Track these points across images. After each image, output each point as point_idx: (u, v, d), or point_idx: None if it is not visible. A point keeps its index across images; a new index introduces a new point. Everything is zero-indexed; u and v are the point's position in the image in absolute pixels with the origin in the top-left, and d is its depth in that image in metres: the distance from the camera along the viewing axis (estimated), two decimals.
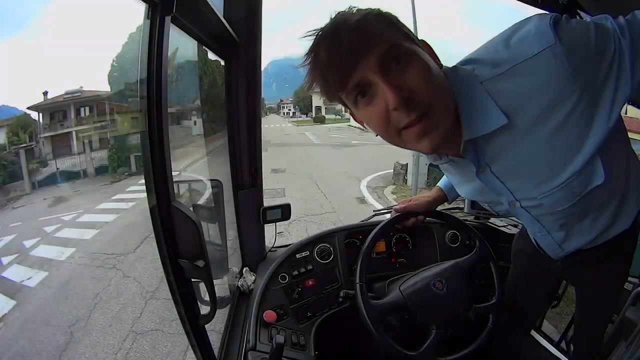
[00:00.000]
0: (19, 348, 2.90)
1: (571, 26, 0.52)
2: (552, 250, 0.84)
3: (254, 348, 0.91)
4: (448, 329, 0.94)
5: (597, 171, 0.58)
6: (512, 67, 0.53)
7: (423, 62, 0.52)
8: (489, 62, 0.56)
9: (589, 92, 0.52)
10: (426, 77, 0.51)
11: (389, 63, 0.50)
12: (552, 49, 0.50)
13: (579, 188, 0.61)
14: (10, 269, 4.49)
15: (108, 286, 3.62)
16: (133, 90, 1.82)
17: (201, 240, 0.65)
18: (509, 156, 0.61)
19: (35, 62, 15.75)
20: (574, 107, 0.52)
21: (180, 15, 0.64)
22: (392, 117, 0.52)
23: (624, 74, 0.52)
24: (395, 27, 0.54)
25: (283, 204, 1.26)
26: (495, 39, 0.58)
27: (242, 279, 1.19)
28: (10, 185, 9.88)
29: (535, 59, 0.51)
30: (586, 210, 0.70)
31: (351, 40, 0.49)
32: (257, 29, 1.04)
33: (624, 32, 0.52)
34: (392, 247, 1.27)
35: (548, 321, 1.62)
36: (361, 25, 0.50)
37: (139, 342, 2.77)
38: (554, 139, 0.55)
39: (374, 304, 0.94)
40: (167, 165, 0.61)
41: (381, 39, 0.50)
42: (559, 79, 0.51)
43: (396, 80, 0.50)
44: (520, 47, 0.53)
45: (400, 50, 0.51)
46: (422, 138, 0.54)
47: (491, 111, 0.56)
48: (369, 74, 0.51)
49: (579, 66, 0.50)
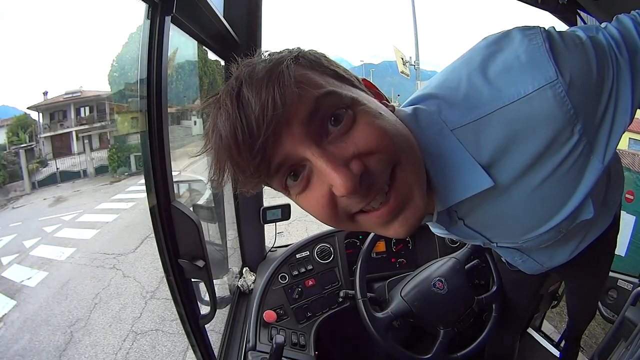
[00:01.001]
0: (19, 348, 2.90)
1: (568, 49, 0.39)
2: (534, 270, 0.76)
3: (254, 348, 0.91)
4: (455, 326, 0.95)
5: (586, 208, 0.49)
6: (496, 110, 0.39)
7: (372, 111, 0.38)
8: (460, 102, 0.42)
9: (587, 132, 0.40)
10: (382, 130, 0.37)
11: (322, 126, 0.36)
12: (552, 87, 0.38)
13: (566, 226, 0.52)
14: (10, 269, 4.50)
15: (108, 286, 3.63)
16: (133, 90, 1.82)
17: (201, 240, 0.65)
18: (487, 211, 0.49)
19: (35, 62, 15.76)
20: (570, 153, 0.41)
21: (180, 15, 0.64)
22: (339, 202, 0.38)
23: (622, 103, 0.41)
24: (324, 71, 0.39)
25: (283, 204, 1.26)
26: (465, 66, 0.43)
27: (242, 279, 1.19)
28: (10, 185, 9.89)
29: (529, 100, 0.38)
30: (570, 236, 0.64)
31: (262, 102, 0.33)
32: (257, 29, 1.04)
33: (620, 47, 0.41)
34: (392, 247, 1.27)
35: (548, 321, 1.62)
36: (274, 76, 0.34)
37: (139, 342, 2.77)
38: (542, 190, 0.44)
39: (380, 317, 0.94)
40: (167, 165, 0.61)
41: (306, 93, 0.35)
42: (557, 123, 0.39)
43: (340, 150, 0.36)
44: (506, 81, 0.39)
45: (335, 103, 0.36)
46: (392, 222, 0.39)
47: (470, 171, 0.42)
48: (297, 148, 0.35)
49: (580, 104, 0.39)
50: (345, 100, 0.37)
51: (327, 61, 0.40)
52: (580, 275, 0.93)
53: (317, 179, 0.37)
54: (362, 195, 0.36)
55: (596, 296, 1.06)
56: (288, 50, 0.39)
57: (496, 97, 0.39)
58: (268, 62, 0.36)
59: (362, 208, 0.38)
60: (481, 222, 0.52)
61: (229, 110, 0.35)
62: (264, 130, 0.34)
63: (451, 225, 0.52)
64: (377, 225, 0.40)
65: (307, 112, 0.35)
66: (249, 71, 0.36)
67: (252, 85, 0.34)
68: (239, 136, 0.34)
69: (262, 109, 0.33)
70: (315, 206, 0.39)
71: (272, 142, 0.35)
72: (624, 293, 1.25)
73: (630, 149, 5.68)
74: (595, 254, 0.80)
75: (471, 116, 0.41)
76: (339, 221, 0.40)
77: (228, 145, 0.35)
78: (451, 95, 0.43)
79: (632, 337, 0.88)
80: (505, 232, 0.54)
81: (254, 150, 0.34)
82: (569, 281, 1.04)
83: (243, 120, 0.34)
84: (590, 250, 0.73)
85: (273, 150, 0.35)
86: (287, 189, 0.39)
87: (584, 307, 1.08)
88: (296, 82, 0.34)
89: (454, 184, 0.44)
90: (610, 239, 0.85)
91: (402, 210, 0.39)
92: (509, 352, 1.23)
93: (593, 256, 0.80)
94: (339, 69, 0.40)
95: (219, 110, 0.36)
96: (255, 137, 0.34)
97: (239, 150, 0.35)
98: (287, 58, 0.36)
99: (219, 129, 0.36)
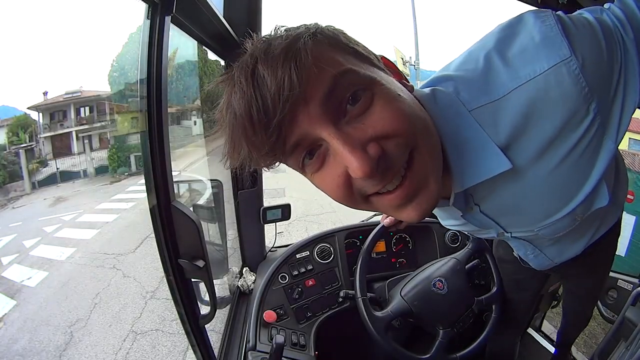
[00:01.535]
0: (19, 348, 2.90)
1: (579, 31, 0.40)
2: (544, 265, 0.76)
3: (254, 348, 0.91)
4: (454, 327, 0.95)
5: (602, 194, 0.49)
6: (514, 89, 0.40)
7: (390, 91, 0.37)
8: (478, 83, 0.42)
9: (601, 112, 0.40)
10: (400, 113, 0.36)
11: (340, 106, 0.35)
12: (567, 64, 0.38)
13: (582, 213, 0.52)
14: (10, 269, 4.50)
15: (108, 286, 3.62)
16: (133, 90, 1.82)
17: (201, 240, 0.65)
18: (503, 196, 0.49)
19: (35, 62, 15.77)
20: (585, 133, 0.41)
21: (180, 15, 0.64)
22: (355, 182, 0.38)
23: (631, 81, 0.41)
24: (343, 48, 0.38)
25: (283, 204, 1.26)
26: (482, 47, 0.44)
27: (242, 279, 1.19)
28: (10, 185, 9.89)
29: (544, 77, 0.39)
30: (584, 227, 0.65)
31: (279, 80, 0.33)
32: (257, 29, 1.04)
33: (625, 27, 0.41)
34: (392, 247, 1.27)
35: (548, 321, 1.62)
36: (291, 53, 0.33)
37: (139, 342, 2.77)
38: (559, 172, 0.44)
39: (379, 316, 0.94)
40: (167, 165, 0.61)
41: (324, 72, 0.34)
42: (573, 101, 0.39)
43: (357, 132, 0.35)
44: (522, 61, 0.40)
45: (353, 82, 0.35)
46: (406, 204, 0.39)
47: (488, 152, 0.42)
48: (314, 127, 0.35)
49: (594, 82, 0.39)
50: (363, 79, 0.36)
51: (345, 38, 0.39)
52: (580, 275, 0.93)
53: (332, 159, 0.37)
54: (379, 179, 0.36)
55: (593, 300, 1.06)
56: (305, 26, 0.38)
57: (513, 77, 0.40)
58: (284, 39, 0.35)
59: (378, 190, 0.38)
60: (497, 208, 0.52)
61: (243, 88, 0.34)
62: (280, 110, 0.33)
63: (467, 211, 0.52)
64: (391, 208, 0.40)
65: (325, 92, 0.34)
66: (265, 48, 0.35)
67: (268, 63, 0.34)
68: (254, 115, 0.34)
69: (278, 87, 0.33)
70: (331, 186, 0.39)
71: (288, 121, 0.34)
72: (624, 293, 1.25)
73: (630, 149, 5.67)
74: (596, 255, 0.81)
75: (489, 97, 0.41)
76: (354, 201, 0.40)
77: (243, 124, 0.35)
78: (469, 77, 0.43)
79: (632, 337, 0.88)
80: (521, 218, 0.54)
81: (270, 129, 0.34)
82: (568, 281, 1.04)
83: (258, 99, 0.34)
84: (592, 251, 0.73)
85: (289, 130, 0.35)
86: (303, 167, 0.39)
87: (580, 310, 1.08)
88: (314, 60, 0.33)
89: (472, 166, 0.44)
90: (611, 241, 0.85)
91: (416, 195, 0.39)
92: (510, 352, 1.23)
93: (594, 257, 0.81)
94: (358, 47, 0.39)
95: (233, 88, 0.36)
96: (270, 116, 0.33)
97: (254, 129, 0.34)
98: (304, 35, 0.35)
99: (234, 107, 0.35)
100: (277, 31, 0.38)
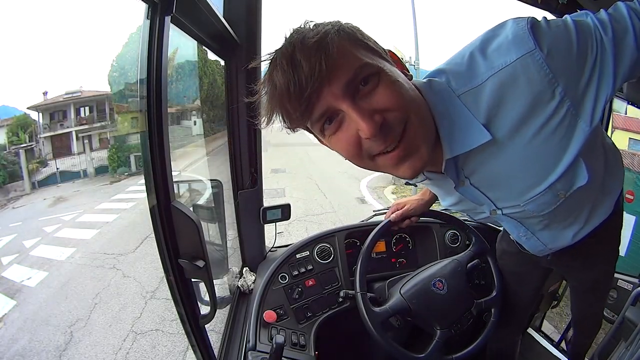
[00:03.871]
0: (19, 348, 2.90)
1: (550, 29, 0.49)
2: (538, 250, 0.83)
3: (254, 348, 0.91)
4: (452, 328, 0.95)
5: (581, 173, 0.57)
6: (490, 77, 0.50)
7: (392, 78, 0.48)
8: (465, 74, 0.53)
9: (571, 96, 0.50)
10: (398, 94, 0.48)
11: (355, 87, 0.47)
12: (532, 55, 0.48)
13: (563, 190, 0.60)
14: (10, 269, 4.50)
15: (108, 286, 3.63)
16: (133, 90, 1.82)
17: (201, 240, 0.65)
18: (489, 167, 0.58)
19: (36, 62, 15.76)
20: (555, 112, 0.50)
21: (180, 15, 0.64)
22: (364, 143, 0.49)
23: (606, 75, 0.50)
24: (359, 43, 0.49)
25: (283, 204, 1.26)
26: (469, 47, 0.54)
27: (242, 279, 1.19)
28: (10, 185, 9.88)
29: (513, 67, 0.49)
30: (570, 209, 0.70)
31: (312, 65, 0.44)
32: (257, 29, 1.04)
33: (606, 28, 0.49)
34: (392, 247, 1.27)
35: (548, 321, 1.62)
36: (321, 46, 0.44)
37: (139, 342, 2.77)
38: (534, 145, 0.53)
39: (377, 312, 0.94)
40: (167, 165, 0.61)
41: (346, 61, 0.46)
42: (537, 85, 0.49)
43: (366, 105, 0.47)
44: (497, 55, 0.50)
45: (366, 70, 0.47)
46: (401, 163, 0.50)
47: (472, 127, 0.53)
48: (336, 102, 0.47)
49: (559, 71, 0.48)
50: (374, 69, 0.47)
51: (361, 35, 0.50)
52: (579, 268, 0.93)
53: (347, 125, 0.49)
54: (381, 140, 0.48)
55: (600, 299, 1.03)
56: (330, 24, 0.48)
57: (489, 68, 0.51)
58: (315, 34, 0.46)
59: (381, 151, 0.49)
60: (485, 180, 0.62)
61: (284, 68, 0.46)
62: (311, 85, 0.45)
63: (460, 185, 0.63)
64: (390, 166, 0.51)
65: (347, 79, 0.46)
66: (301, 39, 0.46)
67: (304, 52, 0.45)
68: (291, 87, 0.45)
69: (311, 70, 0.44)
70: (345, 145, 0.50)
71: (316, 95, 0.46)
72: (624, 293, 1.25)
73: (630, 149, 5.67)
74: (594, 247, 0.82)
75: (472, 84, 0.52)
76: (362, 159, 0.52)
77: (281, 94, 0.47)
78: (457, 70, 0.55)
79: (632, 337, 0.88)
80: (506, 190, 0.62)
81: (302, 99, 0.46)
82: (569, 276, 1.03)
83: (295, 77, 0.45)
84: (591, 243, 0.78)
85: (316, 102, 0.47)
86: (323, 131, 0.51)
87: (587, 311, 1.05)
88: (338, 52, 0.45)
89: (460, 138, 0.55)
90: (610, 233, 0.85)
91: (410, 155, 0.50)
92: (510, 352, 1.23)
93: (591, 248, 0.83)
94: (370, 42, 0.51)
95: (276, 67, 0.47)
96: (304, 89, 0.45)
97: (289, 98, 0.46)
98: (331, 32, 0.46)
99: (275, 81, 0.47)
100: (307, 25, 0.49)
